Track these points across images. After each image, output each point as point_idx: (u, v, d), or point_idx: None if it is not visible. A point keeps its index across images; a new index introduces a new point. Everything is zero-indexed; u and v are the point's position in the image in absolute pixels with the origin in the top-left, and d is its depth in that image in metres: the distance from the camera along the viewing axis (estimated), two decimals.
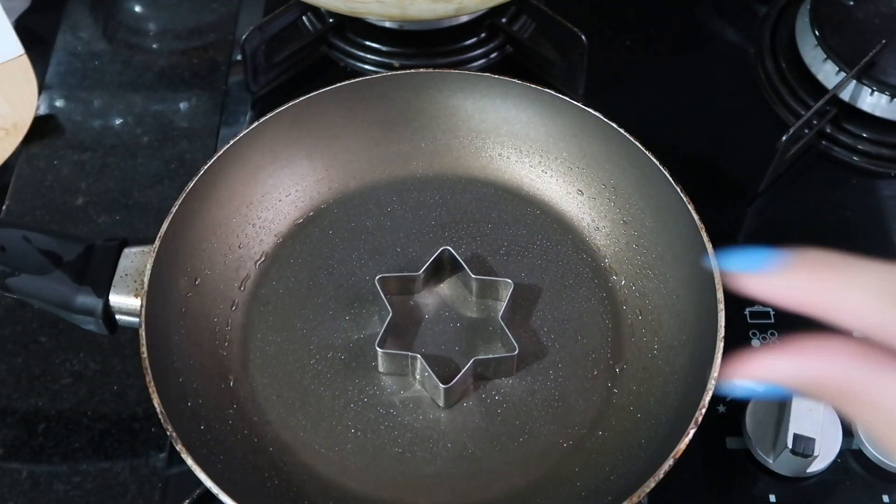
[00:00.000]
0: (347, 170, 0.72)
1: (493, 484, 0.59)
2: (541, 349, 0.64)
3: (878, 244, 0.74)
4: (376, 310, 0.65)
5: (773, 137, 0.73)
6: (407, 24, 0.84)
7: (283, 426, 0.61)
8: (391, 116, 0.72)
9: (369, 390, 0.63)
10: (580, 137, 0.70)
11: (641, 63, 0.86)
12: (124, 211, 0.77)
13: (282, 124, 0.69)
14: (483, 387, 0.63)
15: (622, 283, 0.67)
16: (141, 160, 0.81)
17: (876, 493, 0.62)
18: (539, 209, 0.71)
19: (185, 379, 0.60)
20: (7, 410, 0.67)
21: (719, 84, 0.85)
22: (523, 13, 0.87)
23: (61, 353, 0.70)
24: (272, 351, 0.64)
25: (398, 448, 0.60)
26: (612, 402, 0.62)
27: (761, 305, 0.70)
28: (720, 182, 0.78)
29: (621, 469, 0.58)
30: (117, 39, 0.90)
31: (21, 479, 0.64)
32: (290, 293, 0.67)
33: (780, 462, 0.60)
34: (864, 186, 0.77)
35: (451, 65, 0.83)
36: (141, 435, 0.66)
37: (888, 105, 0.77)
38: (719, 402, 0.65)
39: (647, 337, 0.64)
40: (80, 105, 0.85)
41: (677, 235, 0.64)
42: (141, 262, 0.61)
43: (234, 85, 0.86)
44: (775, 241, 0.74)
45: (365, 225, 0.70)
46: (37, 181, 0.79)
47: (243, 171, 0.68)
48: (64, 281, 0.60)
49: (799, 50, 0.82)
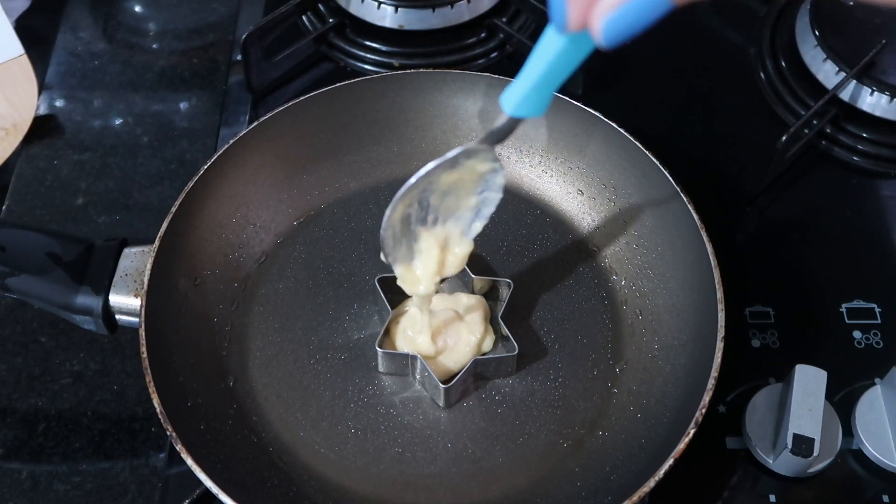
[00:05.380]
0: (347, 170, 0.72)
1: (493, 484, 0.59)
2: (541, 349, 0.64)
3: (878, 244, 0.74)
4: (376, 310, 0.65)
5: (773, 137, 0.73)
6: (407, 24, 0.84)
7: (283, 426, 0.61)
8: (391, 116, 0.72)
9: (369, 390, 0.63)
10: (580, 137, 0.70)
11: (641, 63, 0.86)
12: (124, 211, 0.77)
13: (282, 124, 0.69)
14: (483, 387, 0.63)
15: (622, 283, 0.67)
16: (141, 160, 0.81)
17: (876, 493, 0.62)
18: (539, 209, 0.71)
19: (185, 379, 0.60)
20: (7, 410, 0.67)
21: (719, 84, 0.85)
22: (523, 12, 0.87)
23: (61, 353, 0.70)
24: (272, 351, 0.64)
25: (398, 448, 0.60)
26: (612, 402, 0.62)
27: (761, 305, 0.70)
28: (720, 182, 0.78)
29: (621, 469, 0.58)
30: (117, 39, 0.90)
31: (21, 479, 0.64)
32: (290, 293, 0.67)
33: (780, 462, 0.60)
34: (864, 186, 0.77)
35: (451, 65, 0.83)
36: (141, 435, 0.66)
37: (888, 105, 0.77)
38: (719, 402, 0.65)
39: (647, 337, 0.64)
40: (80, 105, 0.85)
41: (677, 235, 0.64)
42: (141, 262, 0.61)
43: (234, 85, 0.85)
44: (775, 241, 0.74)
45: (365, 225, 0.70)
46: (37, 181, 0.79)
47: (243, 171, 0.68)
48: (64, 281, 0.60)
49: (799, 50, 0.82)
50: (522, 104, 0.45)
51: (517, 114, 0.45)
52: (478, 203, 0.56)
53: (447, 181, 0.54)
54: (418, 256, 0.57)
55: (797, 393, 0.59)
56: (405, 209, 0.54)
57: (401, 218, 0.55)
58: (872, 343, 0.68)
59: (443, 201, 0.55)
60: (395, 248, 0.56)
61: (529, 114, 0.45)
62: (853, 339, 0.68)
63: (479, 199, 0.56)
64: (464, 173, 0.54)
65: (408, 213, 0.55)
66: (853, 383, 0.65)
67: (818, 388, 0.60)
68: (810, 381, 0.60)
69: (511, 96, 0.45)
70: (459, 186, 0.55)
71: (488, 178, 0.54)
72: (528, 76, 0.43)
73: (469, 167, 0.53)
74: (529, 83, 0.43)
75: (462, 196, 0.55)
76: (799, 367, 0.60)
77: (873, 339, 0.68)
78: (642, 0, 0.34)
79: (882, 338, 0.68)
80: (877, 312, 0.69)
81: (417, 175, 0.52)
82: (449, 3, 0.84)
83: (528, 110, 0.45)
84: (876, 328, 0.68)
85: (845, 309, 0.69)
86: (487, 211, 0.56)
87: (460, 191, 0.55)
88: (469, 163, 0.53)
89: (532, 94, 0.44)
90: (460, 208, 0.56)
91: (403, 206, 0.54)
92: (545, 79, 0.43)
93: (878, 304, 0.70)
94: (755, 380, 0.66)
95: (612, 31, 0.35)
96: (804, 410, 0.59)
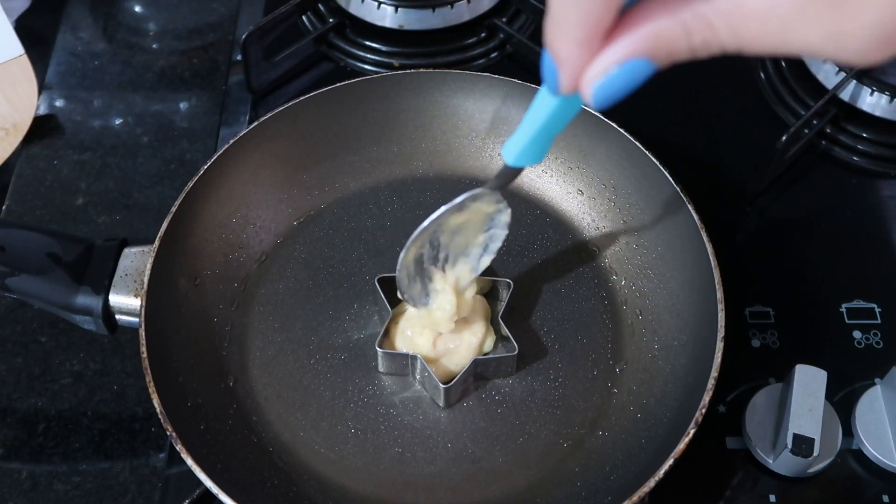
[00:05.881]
0: (347, 170, 0.72)
1: (493, 484, 0.59)
2: (541, 349, 0.64)
3: (878, 244, 0.74)
4: (376, 310, 0.65)
5: (773, 137, 0.73)
6: (407, 24, 0.84)
7: (283, 426, 0.61)
8: (391, 116, 0.72)
9: (369, 390, 0.63)
10: (580, 137, 0.70)
11: None
12: (124, 211, 0.77)
13: (282, 124, 0.69)
14: (483, 387, 0.63)
15: (622, 283, 0.67)
16: (141, 160, 0.81)
17: (876, 493, 0.62)
18: (539, 209, 0.71)
19: (185, 379, 0.60)
20: (7, 410, 0.67)
21: (719, 84, 0.85)
22: (523, 12, 0.87)
23: (61, 353, 0.70)
24: (272, 351, 0.64)
25: (398, 448, 0.60)
26: (612, 402, 0.62)
27: (761, 305, 0.70)
28: (720, 182, 0.78)
29: (621, 469, 0.58)
30: (117, 39, 0.90)
31: (21, 479, 0.64)
32: (290, 293, 0.67)
33: (780, 462, 0.60)
34: (864, 186, 0.77)
35: (451, 65, 0.83)
36: (141, 435, 0.66)
37: (888, 105, 0.77)
38: (719, 402, 0.65)
39: (647, 337, 0.64)
40: (80, 105, 0.85)
41: (677, 235, 0.64)
42: (141, 262, 0.61)
43: (234, 85, 0.86)
44: (775, 241, 0.74)
45: (365, 225, 0.70)
46: (37, 181, 0.79)
47: (243, 171, 0.68)
48: (64, 281, 0.60)
49: None
50: (522, 155, 0.48)
51: (518, 164, 0.49)
52: (485, 240, 0.59)
53: (455, 222, 0.57)
54: (433, 297, 0.60)
55: (797, 393, 0.59)
56: (417, 250, 0.57)
57: (414, 259, 0.58)
58: (872, 343, 0.68)
59: (452, 240, 0.59)
60: (411, 286, 0.59)
61: (529, 162, 0.49)
62: (853, 339, 0.68)
63: (486, 237, 0.59)
64: (471, 215, 0.57)
65: (420, 253, 0.58)
66: (853, 383, 0.65)
67: (818, 388, 0.60)
68: (810, 381, 0.60)
69: (511, 148, 0.48)
70: (468, 226, 0.58)
71: (494, 217, 0.58)
72: (525, 131, 0.47)
73: (476, 209, 0.57)
74: (527, 137, 0.47)
75: (470, 235, 0.59)
76: (799, 367, 0.60)
77: (873, 339, 0.68)
78: (628, 66, 0.36)
79: (882, 338, 0.68)
80: (877, 312, 0.69)
81: (428, 220, 0.55)
82: (449, 3, 0.84)
83: (528, 160, 0.49)
84: (876, 328, 0.68)
85: (845, 309, 0.69)
86: (494, 246, 0.60)
87: (468, 230, 0.58)
88: (476, 205, 0.56)
89: (530, 146, 0.47)
90: (469, 245, 0.59)
91: (416, 248, 0.57)
92: (541, 133, 0.46)
93: (878, 304, 0.70)
94: (755, 380, 0.66)
95: (601, 96, 0.37)
96: (804, 410, 0.59)
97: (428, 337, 0.61)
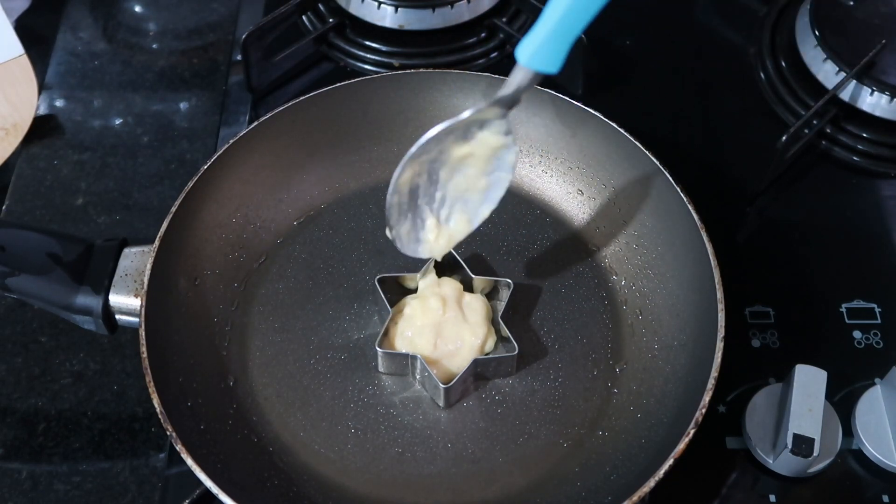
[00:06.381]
0: (347, 170, 0.72)
1: (493, 484, 0.59)
2: (541, 349, 0.64)
3: (878, 244, 0.74)
4: (376, 310, 0.65)
5: (773, 137, 0.73)
6: (407, 24, 0.84)
7: (283, 426, 0.61)
8: (391, 116, 0.72)
9: (369, 390, 0.63)
10: (580, 137, 0.70)
11: (641, 63, 0.86)
12: (124, 211, 0.77)
13: (282, 124, 0.69)
14: (483, 387, 0.63)
15: (622, 283, 0.67)
16: (141, 160, 0.81)
17: (876, 493, 0.62)
18: (539, 209, 0.71)
19: (185, 379, 0.60)
20: (7, 410, 0.67)
21: (719, 84, 0.85)
22: (523, 12, 0.87)
23: (61, 353, 0.70)
24: (272, 351, 0.64)
25: (398, 448, 0.60)
26: (612, 402, 0.62)
27: (761, 305, 0.70)
28: (720, 182, 0.78)
29: (621, 469, 0.58)
30: (117, 39, 0.90)
31: (21, 479, 0.64)
32: (290, 293, 0.67)
33: (780, 462, 0.60)
34: (864, 186, 0.77)
35: (451, 65, 0.83)
36: (141, 435, 0.66)
37: (888, 105, 0.77)
38: (719, 402, 0.65)
39: (647, 337, 0.64)
40: (80, 105, 0.85)
41: (677, 235, 0.64)
42: (141, 262, 0.61)
43: (234, 85, 0.85)
44: (775, 241, 0.74)
45: (365, 225, 0.70)
46: (37, 181, 0.79)
47: (243, 171, 0.68)
48: (64, 281, 0.60)
49: (799, 50, 0.82)
50: (537, 54, 0.43)
51: (531, 64, 0.44)
52: (487, 185, 0.55)
53: (458, 155, 0.53)
54: (423, 246, 0.58)
55: (797, 393, 0.59)
56: (414, 177, 0.53)
57: (409, 187, 0.53)
58: (872, 343, 0.68)
59: (452, 178, 0.54)
60: (401, 220, 0.55)
61: (544, 67, 0.44)
62: (853, 339, 0.68)
63: (489, 181, 0.55)
64: (476, 147, 0.52)
65: (416, 183, 0.54)
66: (853, 383, 0.65)
67: (818, 388, 0.60)
68: (810, 381, 0.60)
69: (526, 46, 0.44)
70: (470, 164, 0.54)
71: (501, 156, 0.53)
72: (545, 23, 0.42)
73: (482, 141, 0.52)
74: (546, 30, 0.42)
75: (472, 176, 0.54)
76: (799, 367, 0.60)
77: (873, 339, 0.68)
78: None
79: (882, 338, 0.68)
80: (877, 312, 0.69)
81: (427, 135, 0.51)
82: (449, 3, 0.84)
83: (543, 62, 0.44)
84: (876, 328, 0.68)
85: (845, 309, 0.69)
86: (496, 194, 0.55)
87: (470, 169, 0.54)
88: (482, 135, 0.52)
89: (548, 42, 0.42)
90: (469, 189, 0.55)
91: (412, 172, 0.53)
92: (562, 25, 0.41)
93: (878, 304, 0.70)
94: (755, 380, 0.66)
95: None
96: (804, 410, 0.59)
97: (428, 337, 0.61)
